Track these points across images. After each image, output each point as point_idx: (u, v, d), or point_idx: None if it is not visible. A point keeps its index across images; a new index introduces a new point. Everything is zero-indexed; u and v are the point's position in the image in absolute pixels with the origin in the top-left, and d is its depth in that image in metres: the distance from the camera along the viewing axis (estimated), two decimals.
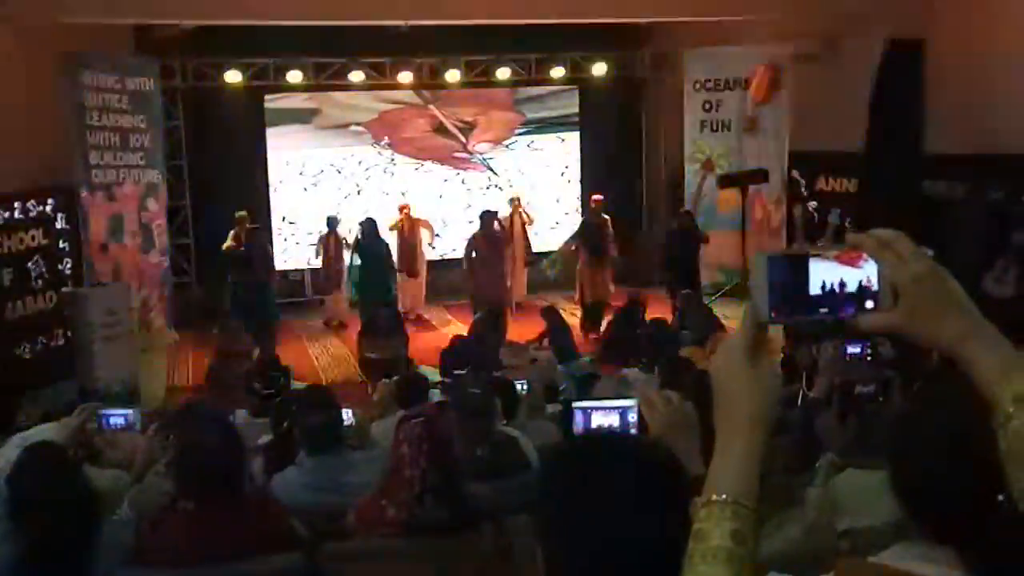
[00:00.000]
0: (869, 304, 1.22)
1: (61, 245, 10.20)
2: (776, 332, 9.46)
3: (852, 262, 1.22)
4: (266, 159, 13.64)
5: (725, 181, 12.07)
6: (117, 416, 4.08)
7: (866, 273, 1.21)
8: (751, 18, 11.07)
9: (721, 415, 1.30)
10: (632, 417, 2.31)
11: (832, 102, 10.63)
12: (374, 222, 11.92)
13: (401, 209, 12.80)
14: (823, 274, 1.22)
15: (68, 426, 3.60)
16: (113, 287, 10.02)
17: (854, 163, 10.30)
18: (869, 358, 4.83)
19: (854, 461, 3.21)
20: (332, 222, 12.53)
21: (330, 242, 12.46)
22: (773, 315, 1.24)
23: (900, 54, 9.43)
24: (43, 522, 2.82)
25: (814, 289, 1.22)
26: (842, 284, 1.22)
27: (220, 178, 13.07)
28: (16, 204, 9.57)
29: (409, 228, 12.74)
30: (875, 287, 1.21)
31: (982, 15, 9.24)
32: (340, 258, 12.45)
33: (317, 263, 12.81)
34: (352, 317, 12.06)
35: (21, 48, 8.97)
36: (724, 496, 1.23)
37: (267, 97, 13.46)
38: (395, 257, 12.32)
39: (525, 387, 6.30)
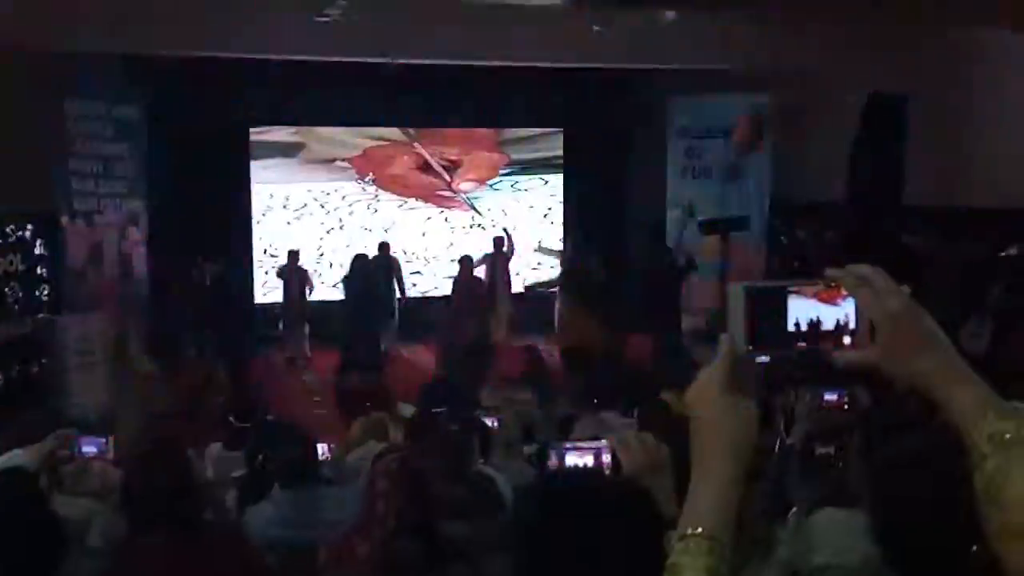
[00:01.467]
0: (846, 340, 1.22)
1: (39, 271, 10.15)
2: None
3: (831, 300, 1.22)
4: (250, 191, 13.63)
5: (707, 228, 12.16)
6: (90, 444, 4.04)
7: (844, 311, 1.22)
8: (735, 67, 11.22)
9: (697, 447, 1.29)
10: (606, 457, 2.30)
11: (814, 152, 10.77)
12: (364, 257, 11.87)
13: (382, 248, 12.74)
14: (801, 310, 1.22)
15: (40, 451, 3.56)
16: (89, 315, 9.95)
17: (835, 213, 10.42)
18: (846, 406, 4.83)
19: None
20: (292, 256, 12.52)
21: (292, 277, 12.39)
22: (750, 347, 1.24)
23: (882, 107, 9.58)
24: (9, 550, 2.78)
25: (791, 324, 1.22)
26: (819, 321, 1.22)
27: (203, 208, 13.04)
28: None
29: (388, 267, 12.67)
30: (852, 325, 1.21)
31: (963, 72, 9.40)
32: (302, 294, 12.36)
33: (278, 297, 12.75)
34: (317, 352, 12.11)
35: (4, 73, 8.97)
36: (700, 530, 1.22)
37: (252, 130, 13.48)
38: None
39: (500, 426, 6.28)
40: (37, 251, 10.13)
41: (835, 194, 10.09)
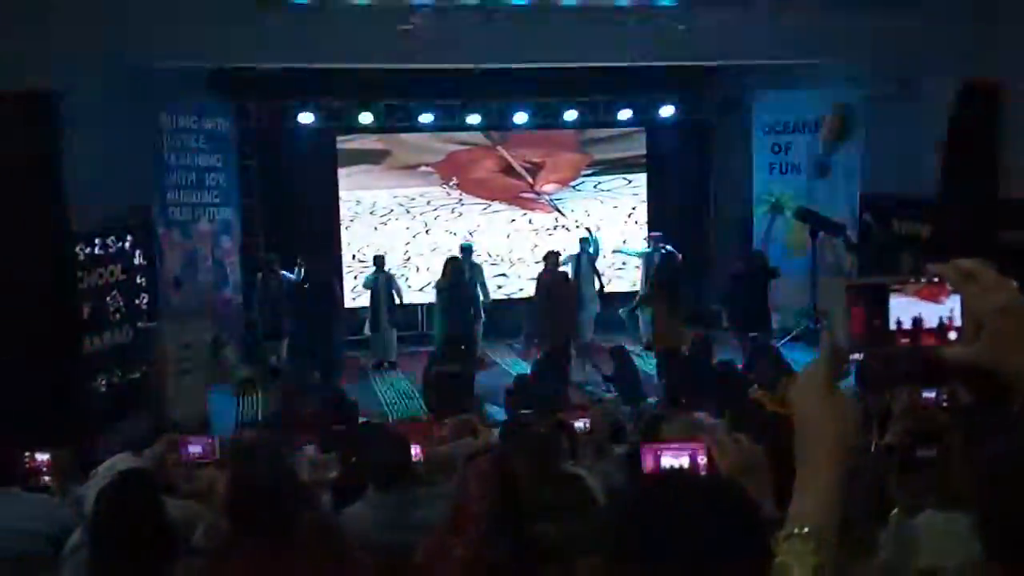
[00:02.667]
0: (951, 336, 1.20)
1: (139, 280, 10.47)
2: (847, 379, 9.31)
3: (933, 298, 1.20)
4: (337, 198, 13.87)
5: (802, 215, 11.94)
6: (197, 446, 4.16)
7: (948, 308, 1.19)
8: (822, 60, 11.02)
9: (802, 447, 1.28)
10: (702, 459, 2.29)
11: (905, 145, 10.51)
12: (457, 260, 11.94)
13: (463, 252, 12.71)
14: (903, 308, 1.20)
15: (151, 455, 3.69)
16: (187, 322, 10.23)
17: (927, 207, 10.15)
18: (945, 404, 4.72)
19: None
20: (379, 261, 12.62)
21: (378, 281, 12.47)
22: (853, 345, 1.23)
23: (975, 97, 9.29)
24: (124, 551, 2.89)
25: (893, 321, 1.21)
26: (922, 318, 1.20)
27: (292, 216, 13.35)
28: (96, 240, 9.86)
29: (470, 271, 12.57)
30: (957, 322, 1.19)
31: None
32: (390, 297, 12.46)
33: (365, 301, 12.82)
34: (405, 355, 12.35)
35: (105, 90, 9.29)
36: (807, 529, 1.22)
37: (339, 138, 13.72)
38: None
39: (589, 427, 6.29)
40: (136, 261, 10.44)
41: (927, 188, 9.83)
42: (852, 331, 1.22)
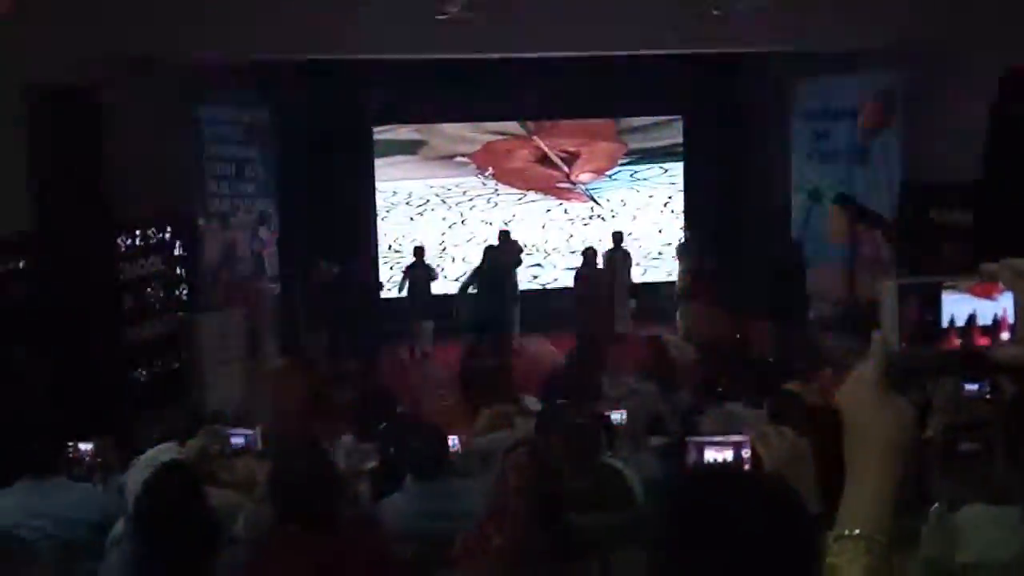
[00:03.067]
0: (1004, 336, 1.18)
1: (178, 271, 10.58)
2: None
3: (986, 294, 1.18)
4: (374, 189, 13.92)
5: (841, 200, 11.80)
6: (239, 437, 4.21)
7: (1001, 305, 1.18)
8: (861, 46, 10.87)
9: (852, 448, 1.27)
10: (746, 452, 2.27)
11: (947, 131, 10.34)
12: (495, 248, 11.93)
13: (502, 238, 12.75)
14: (956, 306, 1.19)
15: (194, 445, 3.73)
16: (226, 313, 10.32)
17: (969, 193, 9.98)
18: (988, 396, 4.65)
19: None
20: (417, 252, 12.63)
21: (417, 273, 12.47)
22: (903, 346, 1.21)
23: (1019, 82, 9.12)
24: (167, 542, 2.92)
25: (946, 319, 1.19)
26: (975, 316, 1.18)
27: (329, 207, 13.41)
28: (137, 232, 9.98)
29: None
30: (1011, 319, 1.17)
31: None
32: (428, 289, 12.49)
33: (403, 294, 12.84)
34: (442, 346, 12.34)
35: (145, 83, 9.37)
36: (857, 531, 1.21)
37: (375, 129, 13.76)
38: None
39: (626, 419, 6.27)
40: (176, 252, 10.55)
41: (970, 175, 9.66)
42: (904, 331, 1.20)
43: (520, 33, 9.81)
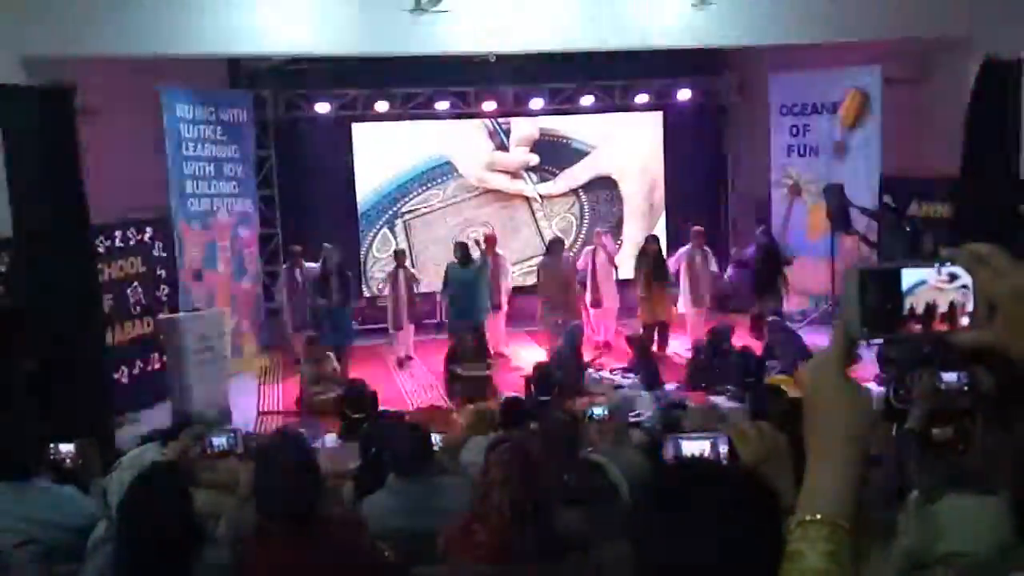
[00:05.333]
0: (964, 321, 1.19)
1: (158, 272, 10.54)
2: (871, 362, 9.18)
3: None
4: (354, 187, 13.87)
5: (831, 193, 11.82)
6: (220, 438, 4.20)
7: (960, 292, 1.19)
8: (840, 41, 10.91)
9: (813, 433, 1.27)
10: (723, 448, 2.29)
11: (925, 125, 10.42)
12: (464, 246, 11.83)
13: (487, 241, 12.32)
14: (916, 291, 1.20)
15: (175, 449, 3.72)
16: (207, 313, 10.28)
17: (949, 187, 10.06)
18: (966, 388, 4.69)
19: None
20: (399, 256, 12.24)
21: (398, 277, 11.98)
22: (865, 331, 1.22)
23: (996, 75, 9.18)
24: (151, 544, 2.91)
25: (907, 306, 1.20)
26: (935, 303, 1.20)
27: (309, 206, 13.39)
28: (116, 233, 9.94)
29: (493, 262, 12.13)
30: (969, 307, 1.19)
31: None
32: (410, 288, 11.98)
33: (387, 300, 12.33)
34: (422, 344, 12.35)
35: (120, 82, 9.32)
36: (819, 516, 1.21)
37: (355, 126, 13.72)
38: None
39: (608, 414, 6.28)
40: (156, 253, 10.52)
41: (948, 168, 9.74)
42: (864, 317, 1.21)
43: (499, 30, 9.76)
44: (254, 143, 12.47)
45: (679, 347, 12.00)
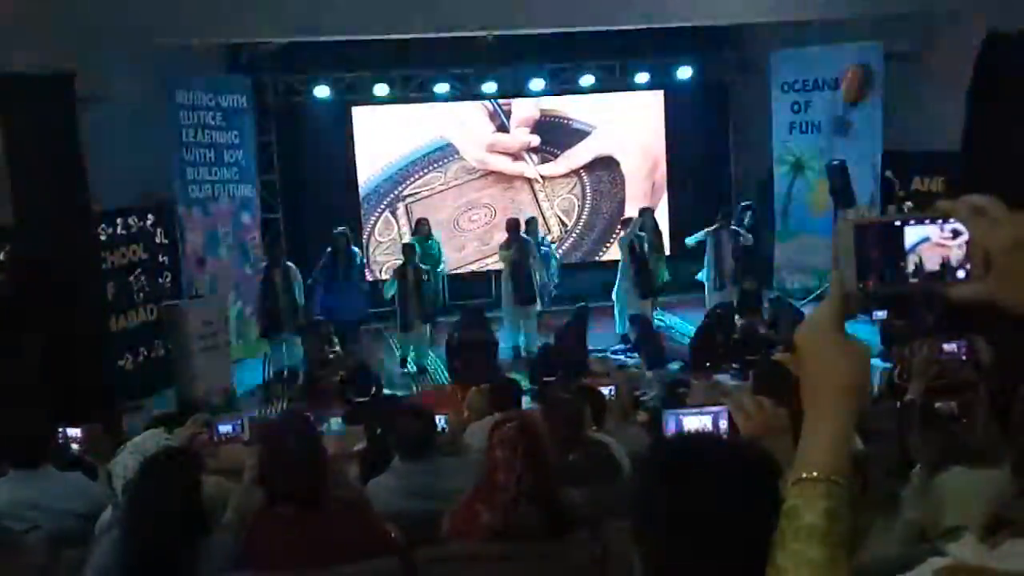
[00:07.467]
0: (960, 274, 1.18)
1: (161, 259, 10.55)
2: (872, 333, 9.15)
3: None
4: (355, 170, 13.86)
5: (834, 172, 11.78)
6: (226, 425, 4.22)
7: (957, 245, 1.17)
8: (840, 16, 10.85)
9: (809, 389, 1.25)
10: (723, 422, 2.29)
11: (927, 100, 10.36)
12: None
13: (513, 226, 11.67)
14: (912, 245, 1.18)
15: (182, 433, 3.73)
16: (210, 300, 10.29)
17: (951, 162, 10.01)
18: (965, 358, 4.69)
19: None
20: (407, 250, 11.44)
21: (406, 274, 11.06)
22: (861, 285, 1.22)
23: (1001, 47, 9.11)
24: (159, 529, 2.93)
25: (908, 262, 1.18)
26: (930, 255, 1.18)
27: (311, 190, 13.39)
28: (118, 220, 9.94)
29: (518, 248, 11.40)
30: (966, 260, 1.17)
31: None
32: (415, 271, 11.07)
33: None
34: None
35: (121, 69, 9.29)
36: (815, 473, 1.19)
37: (355, 110, 13.69)
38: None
39: (613, 393, 6.30)
40: (158, 240, 10.52)
41: (951, 143, 9.69)
42: (860, 271, 1.20)
43: (497, 10, 9.72)
44: (255, 128, 12.44)
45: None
